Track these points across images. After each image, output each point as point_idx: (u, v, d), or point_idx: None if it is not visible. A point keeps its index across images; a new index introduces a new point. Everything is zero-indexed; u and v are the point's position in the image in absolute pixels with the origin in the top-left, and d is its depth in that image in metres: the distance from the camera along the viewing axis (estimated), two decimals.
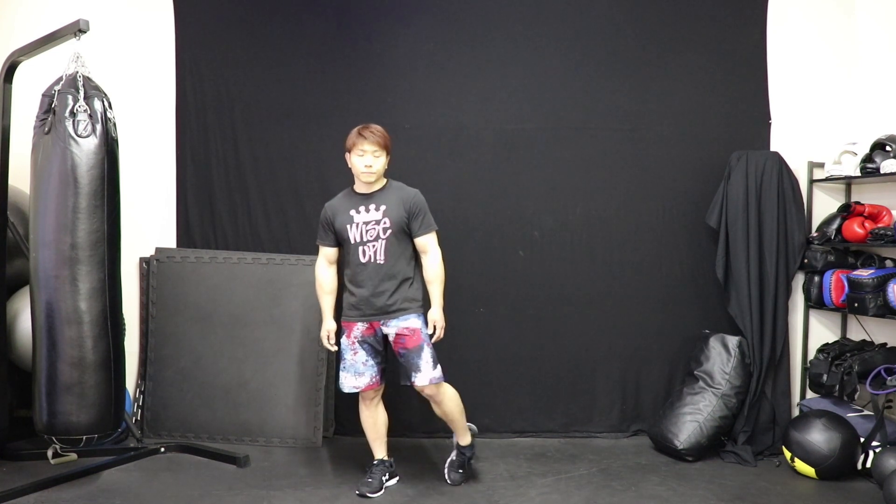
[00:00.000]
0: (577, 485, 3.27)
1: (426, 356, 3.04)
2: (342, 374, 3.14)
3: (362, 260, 3.05)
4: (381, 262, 3.04)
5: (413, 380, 3.05)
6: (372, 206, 3.05)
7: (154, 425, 3.87)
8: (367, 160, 2.99)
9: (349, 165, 3.07)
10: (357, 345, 3.10)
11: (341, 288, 3.19)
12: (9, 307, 3.40)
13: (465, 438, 3.29)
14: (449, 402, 3.15)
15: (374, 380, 3.11)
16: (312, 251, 3.31)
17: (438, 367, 3.08)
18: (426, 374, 3.03)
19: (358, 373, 3.10)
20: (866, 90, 3.94)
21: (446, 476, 3.28)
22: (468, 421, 3.33)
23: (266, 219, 4.03)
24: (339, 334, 3.21)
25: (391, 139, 3.08)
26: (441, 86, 4.01)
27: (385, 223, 3.03)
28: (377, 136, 2.99)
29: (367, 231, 3.04)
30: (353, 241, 3.05)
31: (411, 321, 3.05)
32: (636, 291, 4.03)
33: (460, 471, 3.28)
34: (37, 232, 2.85)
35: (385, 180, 3.12)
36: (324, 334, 3.19)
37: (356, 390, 3.12)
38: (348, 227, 3.05)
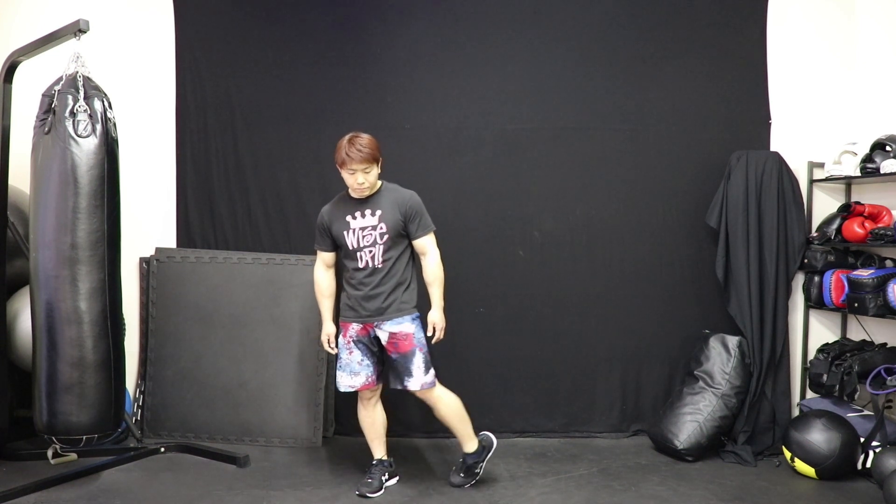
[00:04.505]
0: (577, 485, 3.27)
1: (418, 361, 3.03)
2: (338, 374, 3.14)
3: (360, 265, 3.05)
4: (379, 267, 3.03)
5: (406, 384, 3.05)
6: (367, 212, 3.04)
7: (154, 425, 3.87)
8: (358, 178, 2.95)
9: (341, 176, 3.04)
10: (352, 344, 3.10)
11: (340, 289, 3.19)
12: (9, 307, 3.40)
13: (468, 445, 3.22)
14: (445, 407, 3.13)
15: (369, 379, 3.11)
16: (312, 251, 3.32)
17: (431, 371, 3.08)
18: (418, 380, 3.03)
19: (353, 372, 3.11)
20: (866, 90, 3.94)
21: (449, 477, 3.27)
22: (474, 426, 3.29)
23: (266, 219, 4.03)
24: (338, 336, 3.21)
25: (381, 144, 3.02)
26: (441, 86, 4.01)
27: (381, 228, 3.02)
28: (364, 154, 2.92)
29: (363, 237, 3.03)
30: (350, 247, 3.04)
31: (405, 325, 3.04)
32: (636, 291, 4.03)
33: (461, 475, 3.23)
34: (37, 232, 2.85)
35: (379, 183, 3.09)
36: (324, 338, 3.20)
37: (352, 389, 3.13)
38: (345, 233, 3.05)
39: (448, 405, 3.14)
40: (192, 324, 3.90)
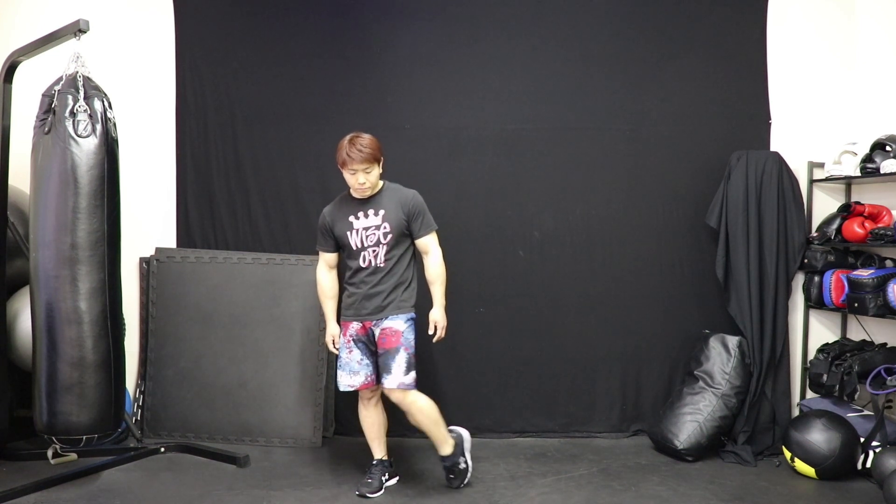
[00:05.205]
0: (577, 485, 3.27)
1: (400, 360, 3.00)
2: (339, 373, 3.15)
3: (363, 265, 3.05)
4: (381, 266, 3.04)
5: (383, 381, 3.02)
6: (371, 212, 3.04)
7: (154, 425, 3.87)
8: (359, 178, 2.96)
9: (343, 176, 3.04)
10: (352, 343, 3.10)
11: (342, 289, 3.19)
12: (9, 307, 3.40)
13: (443, 448, 3.17)
14: (418, 413, 3.05)
15: (368, 379, 3.11)
16: (312, 251, 3.32)
17: (412, 374, 3.02)
18: (396, 378, 2.98)
19: (353, 371, 3.11)
20: (866, 90, 3.94)
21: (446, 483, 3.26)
22: (463, 423, 3.29)
23: (266, 219, 4.03)
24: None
25: (382, 145, 3.02)
26: (441, 86, 4.01)
27: (385, 228, 3.02)
28: (365, 154, 2.92)
29: (367, 237, 3.03)
30: (354, 248, 3.05)
31: (397, 322, 3.04)
32: (636, 291, 4.03)
33: (451, 476, 3.21)
34: (37, 232, 2.85)
35: (381, 183, 3.10)
36: (328, 339, 3.20)
37: (351, 388, 3.13)
38: (348, 233, 3.05)
39: (422, 410, 3.06)
40: (192, 324, 3.90)
